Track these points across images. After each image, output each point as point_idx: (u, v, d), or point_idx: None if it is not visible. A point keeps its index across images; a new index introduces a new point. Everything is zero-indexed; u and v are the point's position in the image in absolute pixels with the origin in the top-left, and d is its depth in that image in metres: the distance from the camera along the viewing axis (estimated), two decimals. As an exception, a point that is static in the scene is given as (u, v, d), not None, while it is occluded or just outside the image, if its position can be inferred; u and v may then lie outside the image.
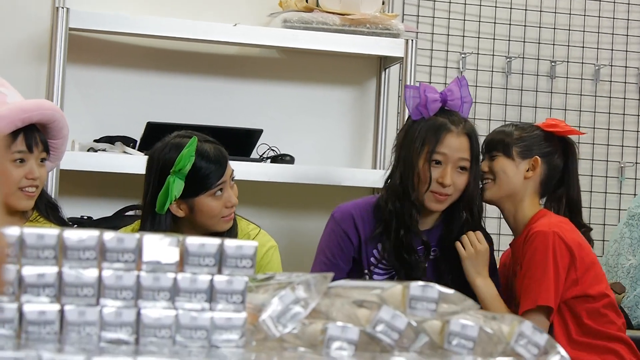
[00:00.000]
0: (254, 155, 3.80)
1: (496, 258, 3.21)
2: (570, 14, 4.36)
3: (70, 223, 3.27)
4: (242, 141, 3.72)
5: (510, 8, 4.29)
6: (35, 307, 1.60)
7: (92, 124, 3.80)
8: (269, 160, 3.80)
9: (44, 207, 3.00)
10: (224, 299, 1.67)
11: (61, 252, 1.62)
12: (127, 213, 3.65)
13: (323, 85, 4.07)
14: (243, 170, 3.36)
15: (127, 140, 3.69)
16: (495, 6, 4.28)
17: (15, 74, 3.54)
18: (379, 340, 1.73)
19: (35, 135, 2.89)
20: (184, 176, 2.84)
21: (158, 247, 1.65)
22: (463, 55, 4.23)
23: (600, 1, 4.38)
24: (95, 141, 3.69)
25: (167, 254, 1.65)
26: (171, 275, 1.65)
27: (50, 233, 1.62)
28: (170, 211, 2.89)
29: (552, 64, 4.33)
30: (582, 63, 4.37)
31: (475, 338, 1.76)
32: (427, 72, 4.19)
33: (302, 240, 3.95)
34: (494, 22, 4.27)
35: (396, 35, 3.86)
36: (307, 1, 3.85)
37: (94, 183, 3.79)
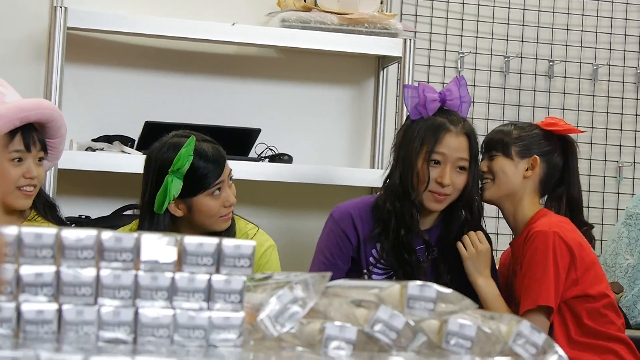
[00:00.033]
0: (252, 154, 3.80)
1: (495, 258, 3.21)
2: (568, 14, 4.36)
3: (68, 222, 3.27)
4: (240, 140, 3.72)
5: (508, 8, 4.29)
6: (33, 307, 1.60)
7: (90, 123, 3.80)
8: (267, 159, 3.80)
9: (42, 207, 3.00)
10: (222, 299, 1.67)
11: (59, 252, 1.62)
12: (125, 212, 3.65)
13: (321, 84, 4.07)
14: (241, 169, 3.36)
15: (125, 139, 3.69)
16: (493, 6, 4.28)
17: (13, 73, 3.54)
18: (377, 339, 1.73)
19: (33, 134, 2.89)
20: (182, 176, 2.83)
21: (156, 247, 1.65)
22: (461, 54, 4.23)
23: (598, 1, 4.38)
24: (93, 140, 3.69)
25: (165, 254, 1.65)
26: (169, 274, 1.65)
27: (48, 232, 1.61)
28: (168, 211, 2.89)
29: (550, 64, 4.33)
30: (580, 63, 4.37)
31: (473, 338, 1.76)
32: (425, 72, 4.19)
33: (300, 239, 3.95)
34: (492, 22, 4.27)
35: (394, 34, 3.86)
36: (305, 1, 3.85)
37: (92, 182, 3.79)
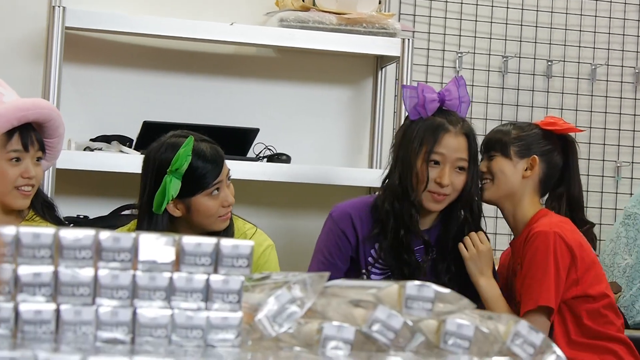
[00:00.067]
0: (251, 154, 3.80)
1: (494, 258, 3.20)
2: (566, 14, 4.36)
3: (66, 222, 3.27)
4: (239, 140, 3.72)
5: (506, 7, 4.29)
6: (31, 307, 1.60)
7: (89, 123, 3.80)
8: (266, 159, 3.80)
9: (40, 206, 3.00)
10: (220, 299, 1.67)
11: (57, 252, 1.61)
12: (124, 212, 3.65)
13: (319, 84, 4.07)
14: (239, 169, 3.36)
15: (124, 139, 3.69)
16: (491, 5, 4.28)
17: (11, 73, 3.54)
18: (375, 339, 1.73)
19: (31, 134, 2.89)
20: (181, 176, 2.83)
21: (154, 247, 1.65)
22: (459, 54, 4.23)
23: (596, 1, 4.38)
24: (91, 140, 3.69)
25: (163, 254, 1.65)
26: (167, 274, 1.65)
27: (46, 232, 1.61)
28: (167, 211, 2.88)
29: (549, 64, 4.33)
30: (579, 62, 4.37)
31: (471, 337, 1.76)
32: (424, 72, 4.19)
33: (299, 239, 3.95)
34: (491, 22, 4.27)
35: (393, 34, 3.86)
36: (304, 0, 3.85)
37: (90, 182, 3.79)
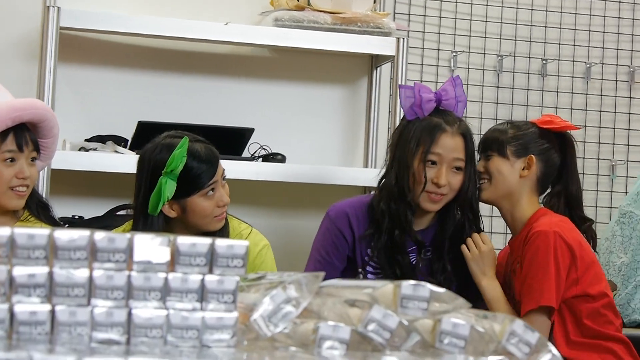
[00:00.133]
0: (246, 154, 3.79)
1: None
2: (561, 12, 4.36)
3: (61, 222, 3.27)
4: (234, 140, 3.71)
5: (501, 6, 4.29)
6: (26, 308, 1.60)
7: (83, 123, 3.79)
8: (261, 159, 3.79)
9: (35, 207, 2.99)
10: (215, 299, 1.67)
11: (52, 252, 1.61)
12: (119, 212, 3.65)
13: (314, 84, 4.07)
14: (234, 169, 3.36)
15: (119, 139, 3.69)
16: (486, 4, 4.28)
17: (5, 73, 3.54)
18: (371, 339, 1.73)
19: (25, 134, 2.89)
20: (176, 177, 2.83)
21: (149, 247, 1.65)
22: (454, 53, 4.23)
23: (591, -1, 4.40)
24: (86, 140, 3.68)
25: (158, 254, 1.65)
26: (162, 275, 1.65)
27: (40, 233, 1.61)
28: (162, 212, 2.88)
29: (544, 62, 4.33)
30: (574, 61, 4.37)
31: (466, 337, 1.76)
32: (419, 71, 4.19)
33: (294, 239, 3.94)
34: (485, 21, 4.27)
35: (387, 33, 3.86)
36: (299, 0, 3.85)
37: (85, 182, 3.78)
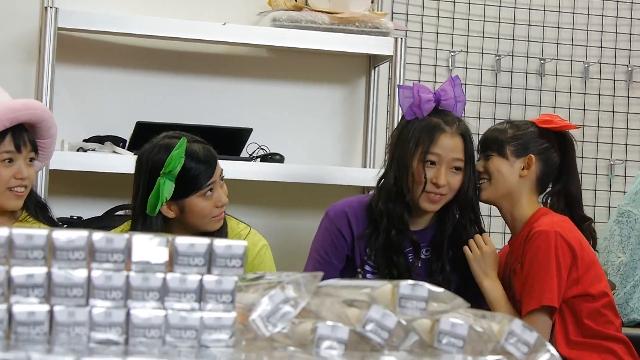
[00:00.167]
0: (244, 154, 3.79)
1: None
2: (559, 12, 4.36)
3: (59, 223, 3.27)
4: (232, 140, 3.71)
5: (499, 6, 4.29)
6: (24, 308, 1.60)
7: (82, 124, 3.79)
8: (259, 159, 3.79)
9: (33, 207, 2.99)
10: (214, 299, 1.67)
11: (50, 253, 1.61)
12: (117, 213, 3.65)
13: (312, 84, 4.07)
14: (233, 169, 3.36)
15: (117, 140, 3.69)
16: (484, 4, 4.28)
17: (3, 74, 3.54)
18: (369, 339, 1.73)
19: (23, 135, 2.89)
20: (174, 178, 2.83)
21: (147, 247, 1.65)
22: (452, 53, 4.23)
23: (589, -1, 4.40)
24: (84, 141, 3.68)
25: (157, 254, 1.65)
26: (160, 275, 1.65)
27: (39, 233, 1.61)
28: (161, 212, 2.88)
29: (542, 62, 4.33)
30: (571, 61, 4.37)
31: (465, 337, 1.76)
32: (417, 71, 4.19)
33: (293, 239, 3.94)
34: (483, 20, 4.27)
35: (385, 33, 3.86)
36: (296, 0, 3.85)
37: (84, 183, 3.78)
